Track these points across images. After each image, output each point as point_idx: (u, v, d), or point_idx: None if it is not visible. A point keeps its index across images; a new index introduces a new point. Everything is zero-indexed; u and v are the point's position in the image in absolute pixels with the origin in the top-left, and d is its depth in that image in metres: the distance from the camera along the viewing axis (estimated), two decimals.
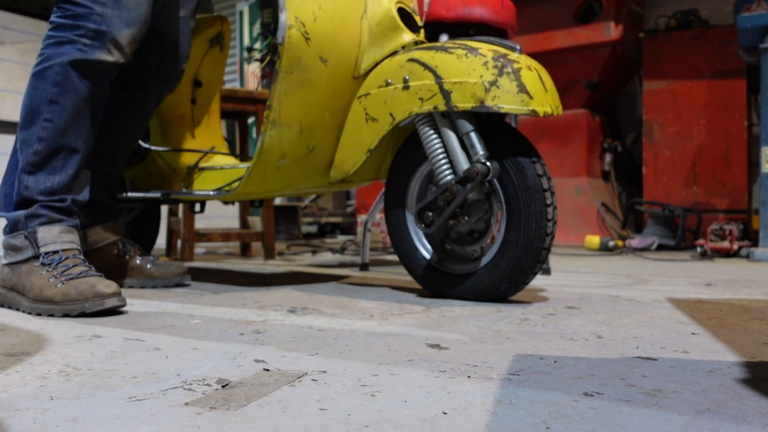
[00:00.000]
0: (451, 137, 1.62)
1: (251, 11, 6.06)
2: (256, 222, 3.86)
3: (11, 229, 1.59)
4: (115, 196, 1.98)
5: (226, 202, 2.31)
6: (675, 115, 4.20)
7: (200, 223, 4.11)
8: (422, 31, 1.86)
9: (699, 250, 3.42)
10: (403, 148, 1.80)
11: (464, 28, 2.51)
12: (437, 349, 1.11)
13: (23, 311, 1.50)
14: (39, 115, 1.57)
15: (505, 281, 1.59)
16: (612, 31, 4.31)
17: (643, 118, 4.32)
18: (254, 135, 5.07)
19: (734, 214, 3.97)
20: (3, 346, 1.14)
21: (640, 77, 4.70)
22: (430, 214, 1.67)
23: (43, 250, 1.53)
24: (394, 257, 3.27)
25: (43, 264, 1.52)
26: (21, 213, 1.57)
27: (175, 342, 1.16)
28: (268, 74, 5.35)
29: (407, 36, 1.76)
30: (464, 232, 1.69)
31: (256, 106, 3.12)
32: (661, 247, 3.87)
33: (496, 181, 1.60)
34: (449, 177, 1.62)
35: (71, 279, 1.46)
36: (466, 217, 1.65)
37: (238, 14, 6.29)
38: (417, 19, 1.86)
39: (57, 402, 0.81)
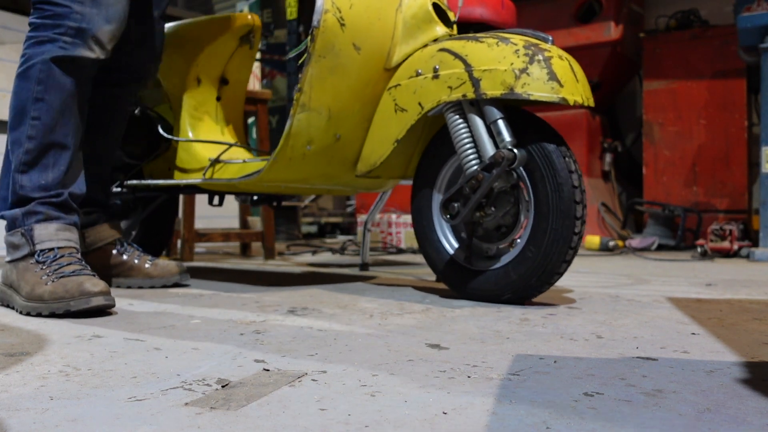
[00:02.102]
0: (479, 124, 1.59)
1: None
2: (256, 222, 3.86)
3: (10, 226, 1.60)
4: (110, 195, 1.99)
5: (244, 201, 2.26)
6: (675, 115, 4.20)
7: (200, 223, 4.10)
8: (455, 26, 1.84)
9: (699, 250, 3.42)
10: (434, 140, 1.79)
11: (464, 28, 2.51)
12: (437, 349, 1.11)
13: (17, 309, 1.50)
14: (26, 114, 1.58)
15: (534, 277, 1.55)
16: (612, 31, 4.31)
17: (643, 118, 4.32)
18: (254, 135, 5.06)
19: (734, 214, 3.96)
20: (3, 346, 1.14)
21: (640, 77, 4.70)
22: (456, 205, 1.63)
23: (38, 247, 1.53)
24: (395, 257, 3.27)
25: (37, 262, 1.52)
26: (18, 211, 1.58)
27: (175, 342, 1.16)
28: (269, 74, 5.35)
29: (440, 29, 1.75)
30: (491, 227, 1.66)
31: (256, 105, 3.12)
32: (661, 247, 3.87)
33: (525, 174, 1.57)
34: (475, 166, 1.59)
35: (62, 277, 1.46)
36: (493, 208, 1.62)
37: None
38: (450, 14, 1.84)
39: (57, 402, 0.81)
